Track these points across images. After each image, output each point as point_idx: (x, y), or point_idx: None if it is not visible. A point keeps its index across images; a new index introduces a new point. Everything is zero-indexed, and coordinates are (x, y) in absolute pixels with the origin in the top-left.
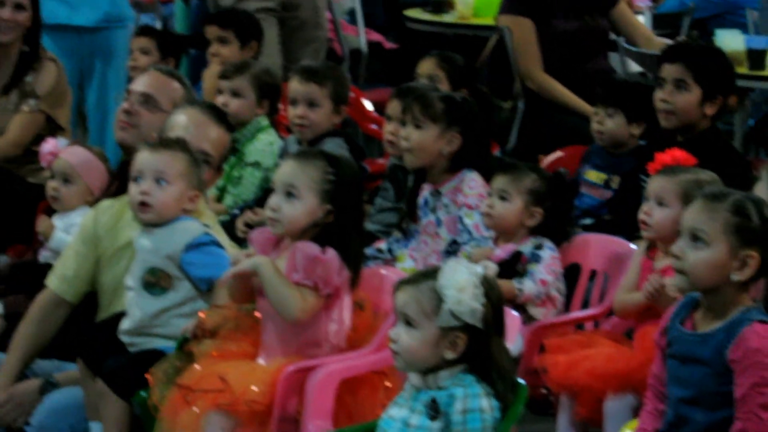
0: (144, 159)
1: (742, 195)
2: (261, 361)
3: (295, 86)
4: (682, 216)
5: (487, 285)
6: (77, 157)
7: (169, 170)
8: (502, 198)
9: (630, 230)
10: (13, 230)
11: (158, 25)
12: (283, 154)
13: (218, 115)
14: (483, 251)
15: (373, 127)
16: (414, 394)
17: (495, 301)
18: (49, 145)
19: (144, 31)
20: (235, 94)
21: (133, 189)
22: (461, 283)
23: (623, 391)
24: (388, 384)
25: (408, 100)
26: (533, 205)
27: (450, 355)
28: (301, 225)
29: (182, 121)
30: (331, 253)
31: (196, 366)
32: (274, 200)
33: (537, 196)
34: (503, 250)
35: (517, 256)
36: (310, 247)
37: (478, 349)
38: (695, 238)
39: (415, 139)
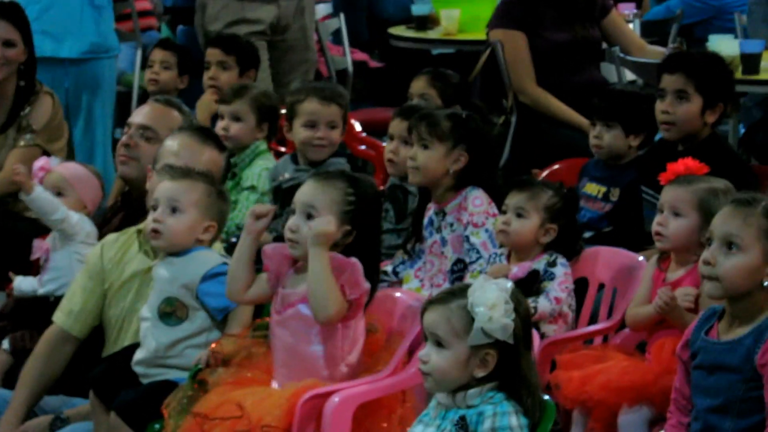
0: (162, 187)
1: None
2: (275, 385)
3: (316, 107)
4: (712, 223)
5: (516, 300)
6: (70, 171)
7: (183, 199)
8: (519, 215)
9: (631, 242)
10: (11, 267)
11: (138, 54)
12: (275, 177)
13: (208, 136)
14: (500, 269)
15: (361, 147)
16: (442, 413)
17: (524, 315)
18: (41, 161)
19: (165, 44)
20: (236, 118)
21: (149, 216)
22: (492, 300)
23: (639, 404)
24: (405, 404)
25: (414, 120)
26: (549, 222)
27: (480, 373)
28: None
29: (172, 147)
30: (355, 260)
31: (211, 394)
32: (293, 221)
33: (553, 212)
34: (520, 269)
35: (533, 274)
36: (335, 255)
37: (508, 365)
38: (729, 244)
39: (422, 158)
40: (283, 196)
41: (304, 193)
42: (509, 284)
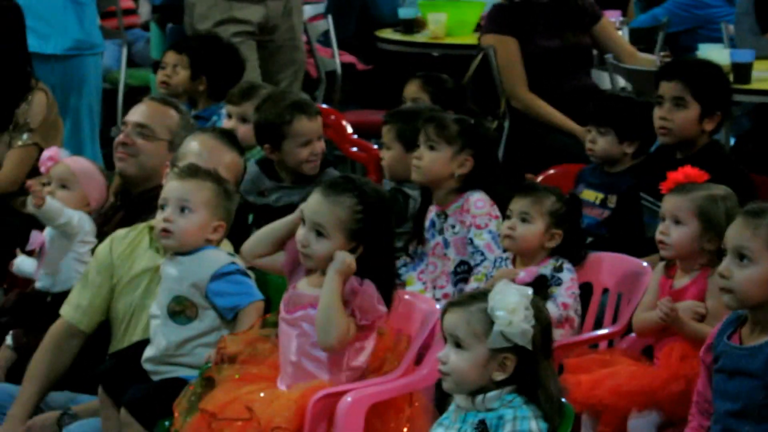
0: (170, 187)
1: None
2: (280, 384)
3: (307, 125)
4: (725, 235)
5: (536, 307)
6: (78, 165)
7: (193, 198)
8: (524, 220)
9: (630, 248)
10: (6, 263)
11: (124, 51)
12: (251, 191)
13: (230, 139)
14: (507, 273)
15: (353, 149)
16: (461, 416)
17: (543, 322)
18: (50, 151)
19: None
20: (243, 119)
21: (158, 216)
22: (512, 305)
23: (648, 409)
24: (413, 405)
25: (422, 121)
26: (554, 226)
27: (499, 376)
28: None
29: (195, 148)
30: (369, 284)
31: (218, 391)
32: (302, 234)
33: (557, 217)
34: (527, 274)
35: (541, 279)
36: (349, 280)
37: (526, 370)
38: (740, 256)
39: (428, 159)
40: (272, 215)
41: (312, 210)
42: (530, 290)
